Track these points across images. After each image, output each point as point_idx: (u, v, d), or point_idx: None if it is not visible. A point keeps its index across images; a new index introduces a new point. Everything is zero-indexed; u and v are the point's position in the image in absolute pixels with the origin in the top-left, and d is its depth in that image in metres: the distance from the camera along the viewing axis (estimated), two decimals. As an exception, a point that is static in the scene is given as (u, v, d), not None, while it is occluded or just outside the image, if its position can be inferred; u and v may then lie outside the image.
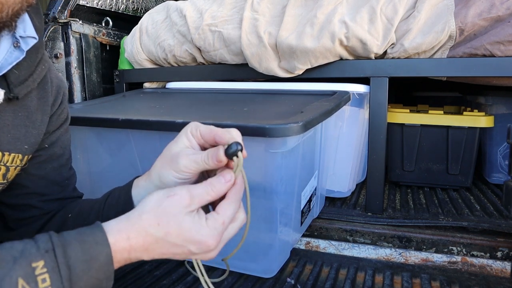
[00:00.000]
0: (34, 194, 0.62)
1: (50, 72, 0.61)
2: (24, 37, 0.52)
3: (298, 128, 0.62)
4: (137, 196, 0.55)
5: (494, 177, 1.24)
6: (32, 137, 0.57)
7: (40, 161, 0.61)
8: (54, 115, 0.62)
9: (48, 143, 0.62)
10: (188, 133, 0.51)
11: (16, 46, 0.51)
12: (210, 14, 1.12)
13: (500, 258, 0.83)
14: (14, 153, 0.55)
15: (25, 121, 0.56)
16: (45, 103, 0.59)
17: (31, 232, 0.63)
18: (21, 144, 0.55)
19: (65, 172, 0.66)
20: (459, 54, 0.91)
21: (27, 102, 0.56)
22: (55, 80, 0.62)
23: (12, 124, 0.54)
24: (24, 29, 0.52)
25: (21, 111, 0.55)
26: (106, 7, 1.38)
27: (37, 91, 0.58)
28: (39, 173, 0.61)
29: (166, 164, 0.50)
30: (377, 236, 0.90)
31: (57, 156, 0.64)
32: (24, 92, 0.54)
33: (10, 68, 0.50)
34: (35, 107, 0.57)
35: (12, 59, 0.50)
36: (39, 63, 0.56)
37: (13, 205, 0.62)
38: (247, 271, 0.77)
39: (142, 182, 0.55)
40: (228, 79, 1.16)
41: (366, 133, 1.02)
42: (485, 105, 1.26)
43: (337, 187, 1.06)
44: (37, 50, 0.55)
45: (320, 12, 0.96)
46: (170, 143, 0.52)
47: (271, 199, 0.69)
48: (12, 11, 0.41)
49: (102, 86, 1.35)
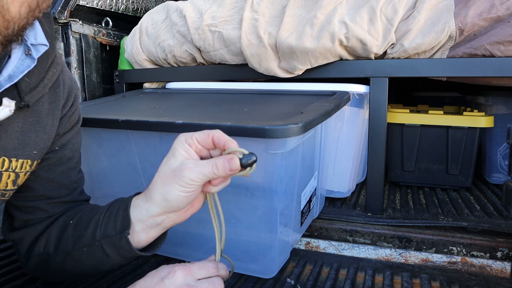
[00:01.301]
0: (41, 196, 0.61)
1: (63, 73, 0.60)
2: (35, 45, 0.51)
3: (298, 129, 0.62)
4: (137, 215, 0.54)
5: (494, 177, 1.24)
6: (42, 142, 0.56)
7: (50, 163, 0.60)
8: (65, 117, 0.61)
9: (58, 145, 0.61)
10: (183, 144, 0.50)
11: (27, 54, 0.50)
12: (210, 14, 1.12)
13: (500, 258, 0.83)
14: (22, 159, 0.54)
15: (35, 126, 0.55)
16: (56, 107, 0.58)
17: (35, 233, 0.62)
18: (30, 150, 0.54)
19: (74, 175, 0.65)
20: (459, 54, 0.91)
21: (38, 107, 0.55)
22: (68, 81, 0.61)
23: (22, 130, 0.53)
24: (35, 36, 0.51)
25: (31, 117, 0.54)
26: (106, 8, 1.38)
27: (49, 95, 0.57)
28: (47, 175, 0.61)
29: (169, 180, 0.50)
30: (377, 236, 0.90)
31: (67, 159, 0.63)
32: (35, 99, 0.53)
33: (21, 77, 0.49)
34: (46, 112, 0.56)
35: (24, 67, 0.50)
36: (50, 67, 0.55)
37: (19, 207, 0.62)
38: (247, 272, 0.77)
39: (142, 203, 0.54)
40: (228, 79, 1.16)
41: (366, 133, 1.02)
42: (485, 105, 1.26)
43: (337, 187, 1.07)
44: (47, 55, 0.54)
45: (320, 12, 0.96)
46: (166, 159, 0.51)
47: (271, 199, 0.69)
48: (18, 27, 0.41)
49: (102, 86, 1.35)
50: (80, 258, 0.59)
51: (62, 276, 0.65)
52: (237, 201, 0.72)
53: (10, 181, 0.54)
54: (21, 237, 0.63)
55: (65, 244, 0.60)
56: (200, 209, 0.59)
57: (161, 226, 0.55)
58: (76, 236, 0.59)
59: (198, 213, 0.59)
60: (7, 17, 0.39)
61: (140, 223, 0.55)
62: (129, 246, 0.55)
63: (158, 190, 0.51)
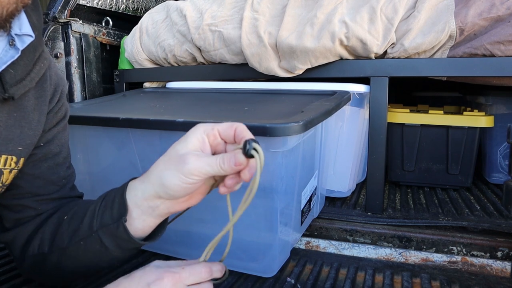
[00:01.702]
0: (28, 194, 0.59)
1: (50, 69, 0.59)
2: (19, 35, 0.50)
3: (299, 127, 0.61)
4: (133, 198, 0.52)
5: (494, 177, 1.24)
6: (28, 138, 0.55)
7: (35, 159, 0.59)
8: (51, 113, 0.60)
9: (43, 141, 0.59)
10: (201, 134, 0.47)
11: (11, 45, 0.49)
12: (210, 14, 1.12)
13: (500, 258, 0.83)
14: (6, 154, 0.52)
15: (20, 121, 0.53)
16: (43, 102, 0.57)
17: (26, 233, 0.61)
18: (14, 146, 0.53)
19: (62, 171, 0.63)
20: (459, 54, 0.91)
21: (24, 102, 0.54)
22: (54, 77, 0.60)
23: (5, 125, 0.52)
24: (20, 27, 0.50)
25: (16, 111, 0.53)
26: (106, 7, 1.38)
27: (35, 90, 0.56)
28: (33, 172, 0.59)
29: (171, 165, 0.47)
30: (377, 236, 0.90)
31: (53, 154, 0.61)
32: (21, 92, 0.52)
33: (5, 68, 0.48)
34: (32, 107, 0.55)
35: (7, 58, 0.48)
36: (37, 61, 0.54)
37: (7, 205, 0.60)
38: (247, 271, 0.76)
39: (139, 184, 0.52)
40: (228, 79, 1.16)
41: (366, 133, 1.02)
42: (485, 105, 1.26)
43: (337, 187, 1.06)
44: (34, 48, 0.53)
45: (320, 12, 0.96)
46: (176, 143, 0.48)
47: (271, 198, 0.69)
48: (6, 12, 0.40)
49: (102, 86, 1.35)
50: (77, 254, 0.56)
51: (60, 277, 0.63)
52: (237, 200, 0.71)
53: None
54: (13, 237, 0.61)
55: (61, 240, 0.57)
56: (200, 208, 0.58)
57: (156, 213, 0.52)
58: (72, 230, 0.56)
59: (198, 212, 0.58)
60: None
61: (136, 208, 0.52)
62: (126, 234, 0.52)
63: (158, 172, 0.49)
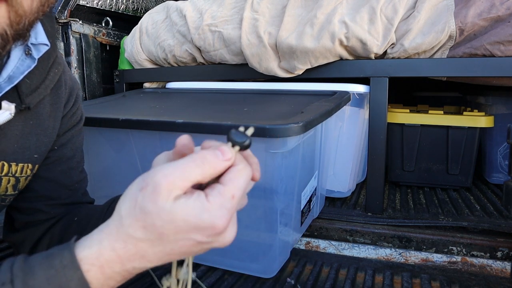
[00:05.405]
0: (41, 197, 0.59)
1: (64, 74, 0.59)
2: (35, 44, 0.50)
3: (299, 128, 0.61)
4: None
5: (494, 177, 1.24)
6: (43, 145, 0.55)
7: (48, 163, 0.58)
8: (65, 117, 0.59)
9: (57, 144, 0.59)
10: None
11: (27, 54, 0.49)
12: (210, 14, 1.12)
13: (500, 258, 0.83)
14: (22, 163, 0.52)
15: (36, 129, 0.53)
16: (58, 109, 0.56)
17: (37, 234, 0.61)
18: (30, 153, 0.53)
19: (75, 175, 0.63)
20: (459, 54, 0.91)
21: (39, 109, 0.53)
22: (69, 81, 0.60)
23: (22, 134, 0.51)
24: (36, 35, 0.50)
25: (32, 119, 0.52)
26: (106, 7, 1.38)
27: (50, 96, 0.55)
28: (47, 175, 0.59)
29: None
30: (377, 236, 0.90)
31: (67, 158, 0.61)
32: (36, 101, 0.51)
33: (22, 78, 0.48)
34: (47, 114, 0.55)
35: (24, 67, 0.48)
36: (51, 68, 0.54)
37: (19, 208, 0.60)
38: (247, 271, 0.77)
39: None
40: (228, 79, 1.16)
41: (366, 133, 1.02)
42: (485, 105, 1.26)
43: (337, 187, 1.06)
44: (49, 55, 0.53)
45: (320, 12, 0.96)
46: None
47: (271, 199, 0.69)
48: (28, 22, 0.40)
49: (102, 86, 1.35)
50: None
51: None
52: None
53: (11, 186, 0.52)
54: (23, 239, 0.61)
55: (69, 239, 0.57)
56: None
57: None
58: (80, 230, 0.56)
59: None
60: (20, 12, 0.38)
61: None
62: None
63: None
